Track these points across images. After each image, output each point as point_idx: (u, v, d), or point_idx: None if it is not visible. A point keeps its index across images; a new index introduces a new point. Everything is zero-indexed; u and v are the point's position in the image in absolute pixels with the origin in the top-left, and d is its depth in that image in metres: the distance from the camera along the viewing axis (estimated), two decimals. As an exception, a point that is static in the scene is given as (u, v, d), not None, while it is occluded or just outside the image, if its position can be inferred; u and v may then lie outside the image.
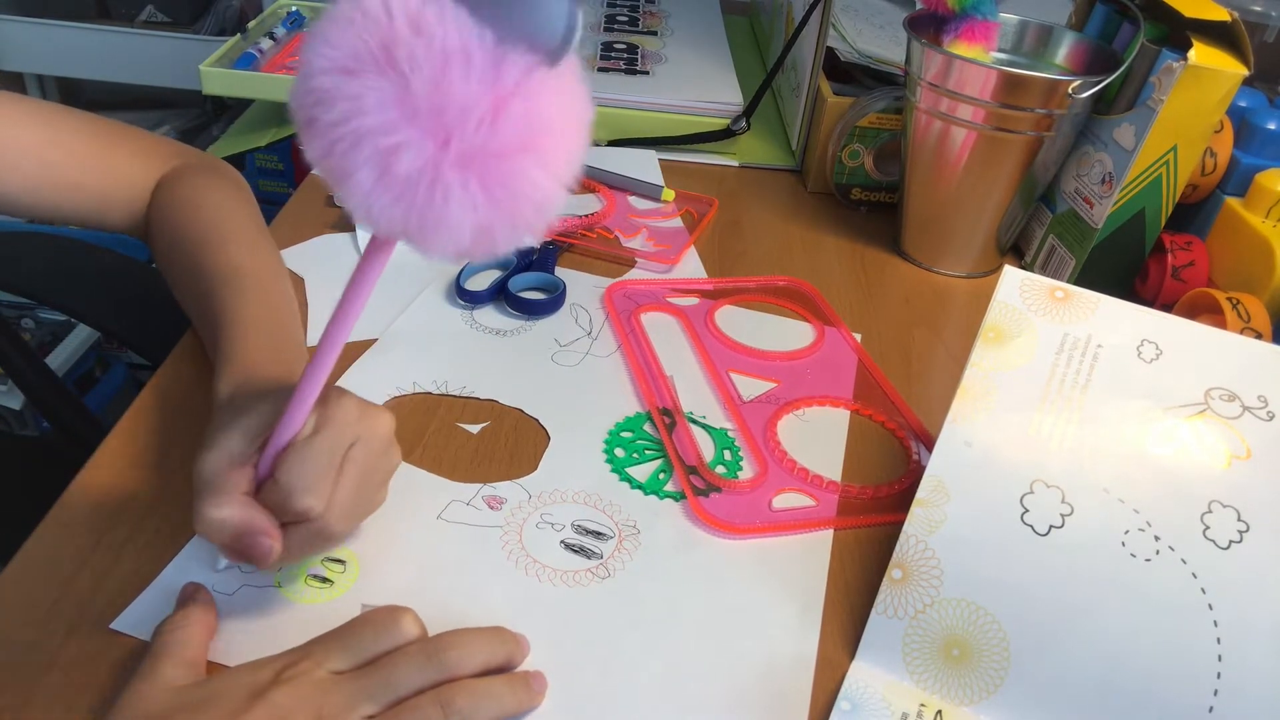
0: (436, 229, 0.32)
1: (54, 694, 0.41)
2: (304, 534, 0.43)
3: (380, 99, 0.30)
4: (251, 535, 0.41)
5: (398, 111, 0.30)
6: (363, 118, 0.30)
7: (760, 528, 0.53)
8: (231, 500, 0.41)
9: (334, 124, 0.31)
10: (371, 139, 0.31)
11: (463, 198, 0.32)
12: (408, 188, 0.31)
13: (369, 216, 0.32)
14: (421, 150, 0.31)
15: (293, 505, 0.41)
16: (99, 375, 1.44)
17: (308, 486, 0.41)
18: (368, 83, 0.30)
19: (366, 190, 0.31)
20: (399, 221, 0.32)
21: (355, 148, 0.31)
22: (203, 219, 0.60)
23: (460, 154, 0.31)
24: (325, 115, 0.31)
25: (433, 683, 0.41)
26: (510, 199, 0.32)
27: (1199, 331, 0.49)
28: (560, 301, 0.70)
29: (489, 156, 0.31)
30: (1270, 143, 0.72)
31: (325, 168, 0.32)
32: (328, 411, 0.43)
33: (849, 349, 0.69)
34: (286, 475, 0.42)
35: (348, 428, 0.43)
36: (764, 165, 0.96)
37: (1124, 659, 0.43)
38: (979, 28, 0.75)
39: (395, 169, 0.31)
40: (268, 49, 1.02)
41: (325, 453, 0.42)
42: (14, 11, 1.52)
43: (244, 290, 0.54)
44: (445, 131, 0.31)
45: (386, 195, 0.32)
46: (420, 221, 0.32)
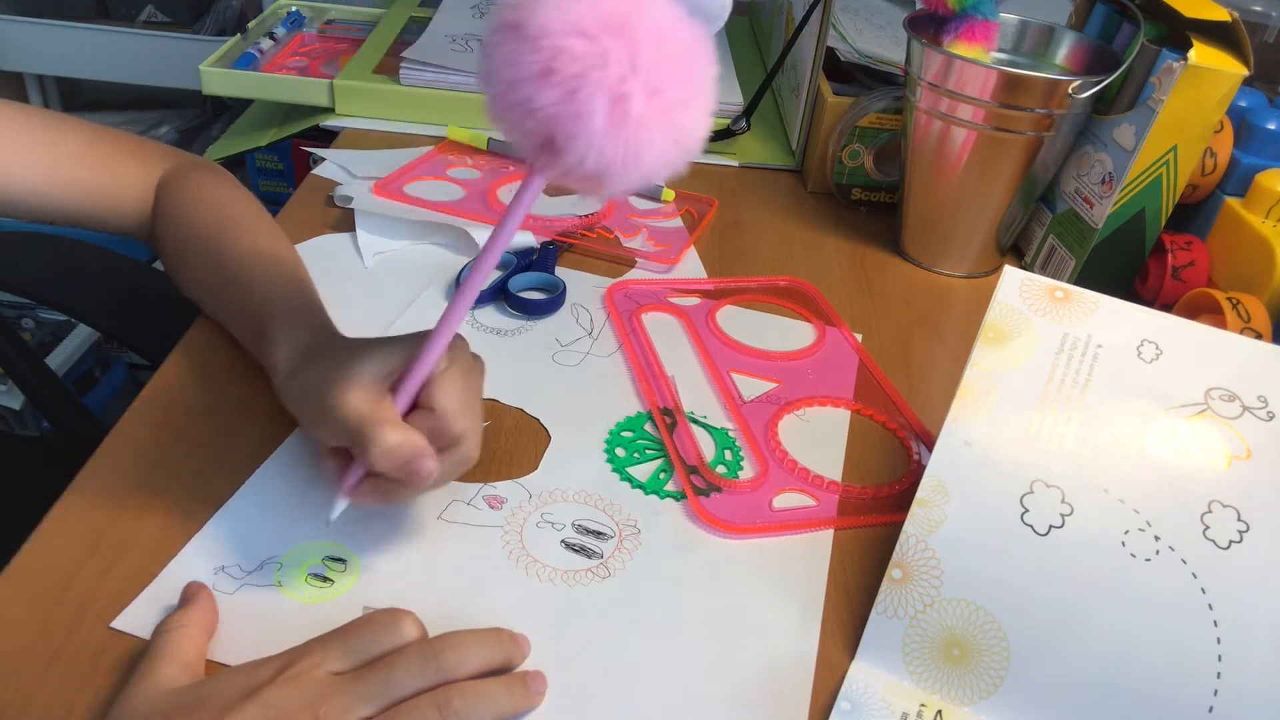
0: (636, 163, 0.38)
1: (54, 694, 0.41)
2: (449, 460, 0.46)
3: (618, 57, 0.37)
4: (421, 457, 0.44)
5: (629, 68, 0.37)
6: (605, 69, 0.37)
7: (761, 528, 0.53)
8: (401, 426, 0.44)
9: (578, 74, 0.36)
10: (610, 87, 0.37)
11: (658, 138, 0.38)
12: (630, 127, 0.37)
13: (590, 151, 0.38)
14: (641, 99, 0.37)
15: (450, 427, 0.46)
16: (99, 375, 1.44)
17: (462, 409, 0.46)
18: (607, 44, 0.37)
19: (598, 128, 0.37)
20: (612, 156, 0.38)
21: (595, 93, 0.37)
22: (217, 211, 0.62)
23: (663, 103, 0.38)
24: (569, 67, 0.37)
25: (431, 684, 0.41)
26: (685, 139, 0.39)
27: (1199, 331, 0.49)
28: (560, 301, 0.70)
29: (678, 106, 0.39)
30: (1270, 143, 0.72)
31: (557, 111, 0.37)
32: (458, 350, 0.48)
33: (850, 349, 0.70)
34: (444, 402, 0.46)
35: (471, 366, 0.49)
36: (764, 165, 0.96)
37: (1124, 659, 0.43)
38: (979, 28, 0.75)
39: (625, 111, 0.37)
40: (268, 49, 1.02)
41: (465, 383, 0.47)
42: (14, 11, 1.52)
43: (280, 269, 0.58)
44: (656, 85, 0.37)
45: (612, 133, 0.37)
46: (627, 156, 0.38)
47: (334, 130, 0.93)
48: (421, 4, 1.18)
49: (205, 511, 0.50)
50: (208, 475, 0.52)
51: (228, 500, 0.51)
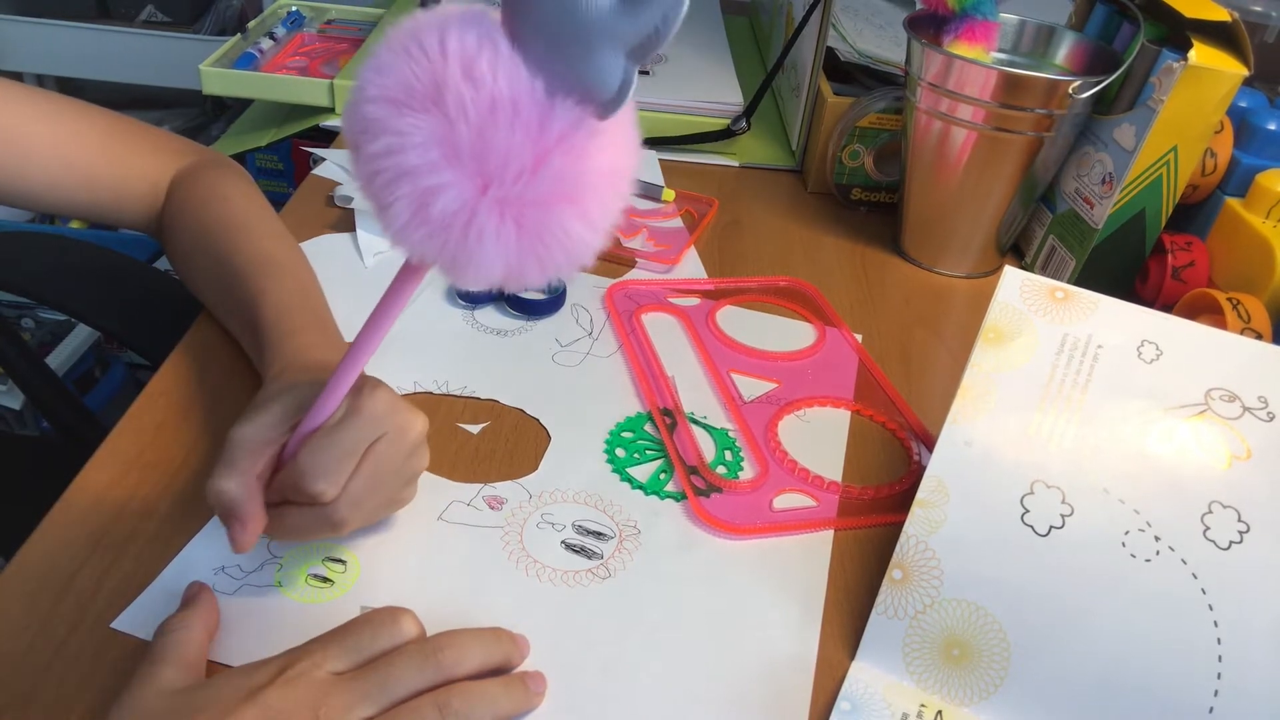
0: (468, 265, 0.33)
1: (54, 694, 0.41)
2: (311, 516, 0.44)
3: (425, 138, 0.31)
4: (236, 518, 0.42)
5: (439, 152, 0.31)
6: (405, 154, 0.31)
7: (761, 528, 0.53)
8: (238, 476, 0.43)
9: (377, 155, 0.31)
10: (412, 177, 0.31)
11: (497, 240, 0.32)
12: (443, 226, 0.32)
13: (403, 246, 0.33)
14: (460, 192, 0.31)
15: (305, 487, 0.43)
16: (99, 375, 1.44)
17: (323, 472, 0.43)
18: (414, 120, 0.31)
19: (402, 223, 0.32)
20: (432, 254, 0.33)
21: (395, 182, 0.31)
22: (229, 211, 0.61)
23: (498, 200, 0.32)
24: (370, 145, 0.32)
25: (430, 683, 0.41)
26: (544, 246, 0.33)
27: (1199, 332, 0.49)
28: (560, 301, 0.70)
29: (526, 205, 0.32)
30: (1270, 143, 0.72)
31: (365, 193, 0.33)
32: (358, 403, 0.44)
33: (850, 349, 0.69)
34: (306, 458, 0.43)
35: (376, 421, 0.44)
36: (764, 165, 0.96)
37: (1124, 659, 0.43)
38: (979, 28, 0.75)
39: (432, 208, 0.32)
40: (268, 49, 1.02)
41: (347, 442, 0.43)
42: (14, 11, 1.52)
43: (281, 276, 0.57)
44: (485, 177, 0.31)
45: (422, 230, 0.32)
46: (453, 257, 0.33)
47: (334, 130, 0.93)
48: (421, 4, 1.18)
49: (205, 511, 0.50)
50: (208, 475, 0.52)
51: (228, 500, 0.51)
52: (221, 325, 0.62)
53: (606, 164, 0.33)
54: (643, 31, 0.29)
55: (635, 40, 0.30)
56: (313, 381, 0.46)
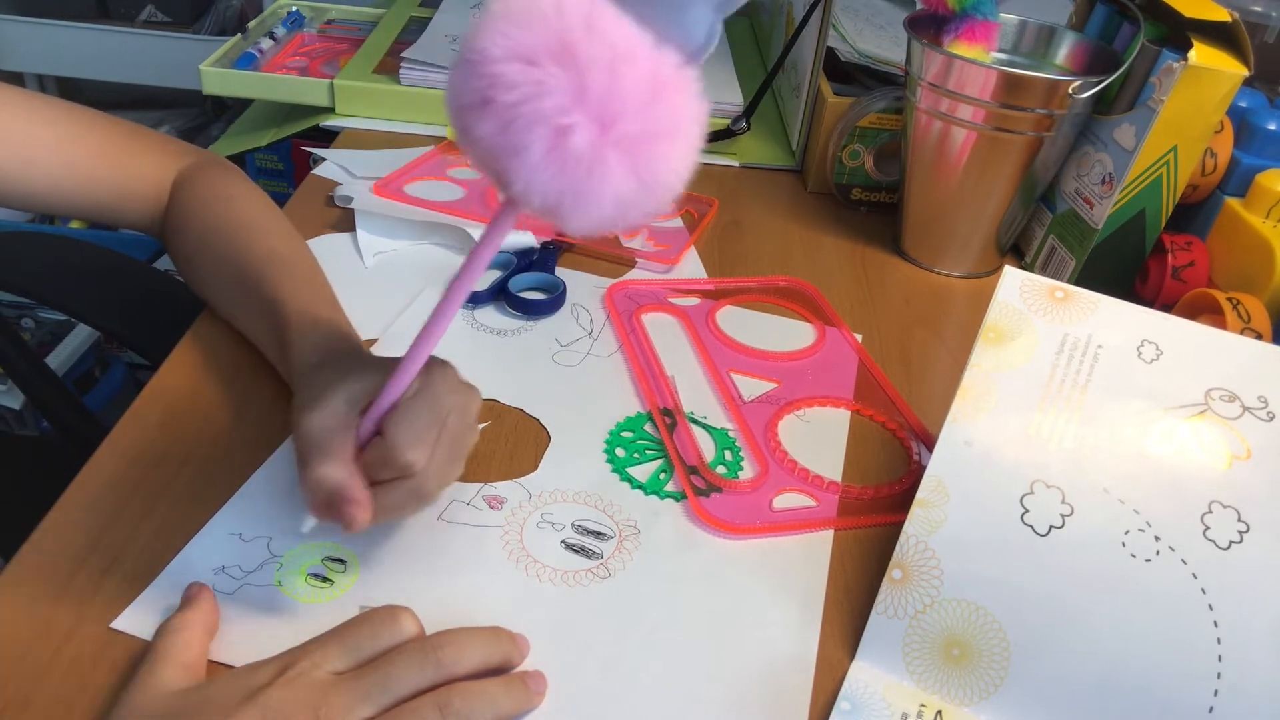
0: (587, 202, 0.36)
1: (54, 694, 0.41)
2: (403, 491, 0.44)
3: (560, 85, 0.34)
4: (346, 501, 0.43)
5: (572, 98, 0.34)
6: (542, 100, 0.34)
7: (761, 528, 0.53)
8: (338, 461, 0.43)
9: (514, 104, 0.34)
10: (548, 118, 0.34)
11: (616, 175, 0.35)
12: (573, 163, 0.35)
13: (531, 187, 0.35)
14: (588, 132, 0.34)
15: (397, 458, 0.43)
16: (99, 375, 1.44)
17: (413, 441, 0.43)
18: (549, 71, 0.34)
19: (535, 163, 0.34)
20: (556, 193, 0.35)
21: (532, 125, 0.34)
22: (237, 210, 0.62)
23: (620, 137, 0.35)
24: (505, 96, 0.34)
25: (430, 682, 0.41)
26: (652, 179, 0.36)
27: (1199, 332, 0.49)
28: (560, 301, 0.70)
29: (642, 141, 0.35)
30: (1270, 143, 0.72)
31: (495, 144, 0.35)
32: (432, 377, 0.46)
33: (850, 349, 0.69)
34: (395, 430, 0.43)
35: (448, 395, 0.46)
36: (764, 165, 0.96)
37: (1124, 659, 0.43)
38: (979, 28, 0.75)
39: (568, 146, 0.34)
40: (268, 49, 1.02)
41: (429, 413, 0.44)
42: (14, 11, 1.52)
43: (296, 273, 0.58)
44: (609, 117, 0.34)
45: (552, 169, 0.35)
46: (575, 195, 0.35)
47: (334, 130, 0.93)
48: (421, 4, 1.18)
49: (205, 511, 0.50)
50: (208, 475, 0.52)
51: (228, 500, 0.51)
52: (225, 324, 0.62)
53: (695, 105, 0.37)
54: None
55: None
56: (363, 366, 0.47)
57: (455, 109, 0.36)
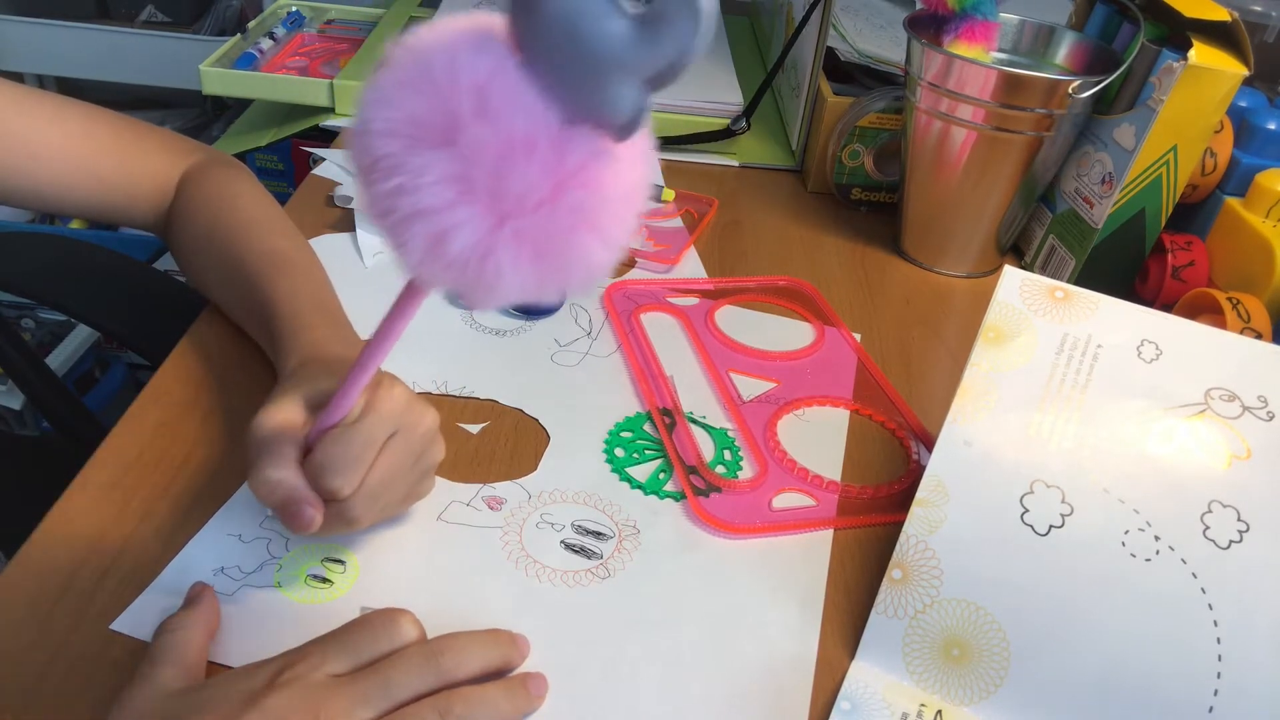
0: (486, 295, 0.33)
1: (54, 694, 0.41)
2: (329, 513, 0.44)
3: (438, 176, 0.30)
4: (297, 504, 0.42)
5: (455, 191, 0.30)
6: (419, 194, 0.30)
7: (760, 528, 0.53)
8: (286, 464, 0.43)
9: (389, 194, 0.31)
10: (426, 217, 0.31)
11: (515, 271, 0.32)
12: (460, 263, 0.31)
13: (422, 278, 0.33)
14: (475, 229, 0.31)
15: (322, 483, 0.43)
16: (99, 375, 1.44)
17: (340, 468, 0.43)
18: (427, 158, 0.30)
19: (417, 260, 0.32)
20: (449, 285, 0.33)
21: (409, 221, 0.31)
22: (240, 210, 0.62)
23: (515, 232, 0.31)
24: (382, 184, 0.31)
25: (430, 686, 0.41)
26: (562, 269, 0.33)
27: (1199, 331, 0.49)
28: (560, 302, 0.70)
29: (544, 235, 0.31)
30: (1270, 143, 0.72)
31: (377, 226, 0.32)
32: (375, 399, 0.45)
33: (849, 349, 0.69)
34: (322, 454, 0.43)
35: (391, 417, 0.45)
36: (764, 165, 0.96)
37: (1124, 659, 0.43)
38: (979, 28, 0.75)
39: (449, 247, 0.31)
40: (268, 49, 1.02)
41: (362, 439, 0.44)
42: (14, 11, 1.52)
43: (294, 273, 0.57)
44: (502, 213, 0.31)
45: (437, 266, 0.32)
46: (471, 288, 0.32)
47: (334, 130, 0.93)
48: (421, 4, 1.18)
49: (205, 512, 0.50)
50: (208, 475, 0.52)
51: (228, 500, 0.51)
52: (225, 324, 0.62)
53: (624, 186, 0.33)
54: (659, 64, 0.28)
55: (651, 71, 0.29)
56: (330, 375, 0.46)
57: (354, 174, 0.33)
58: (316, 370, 0.48)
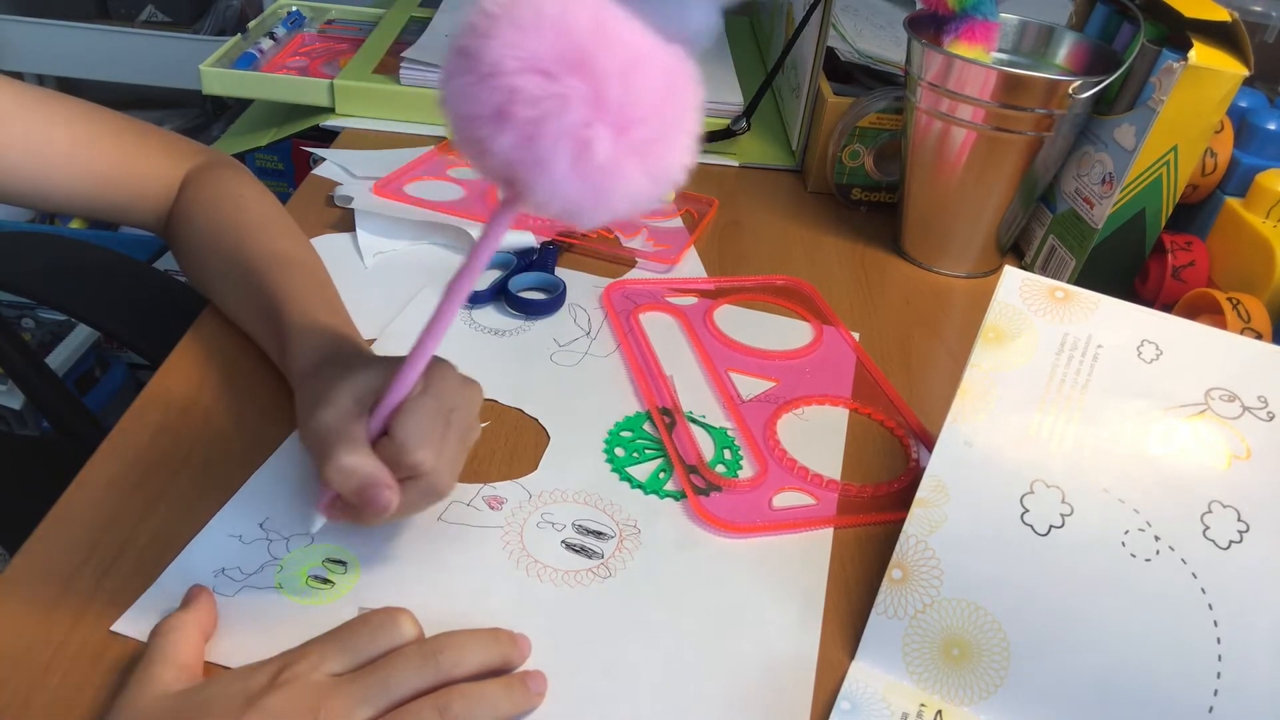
0: (605, 205, 0.36)
1: (54, 694, 0.41)
2: (415, 490, 0.45)
3: (581, 98, 0.34)
4: (377, 485, 0.43)
5: (592, 109, 0.34)
6: (565, 115, 0.34)
7: (760, 526, 0.53)
8: (361, 451, 0.43)
9: (537, 120, 0.34)
10: (572, 132, 0.34)
11: (633, 177, 0.36)
12: (596, 173, 0.35)
13: (554, 198, 0.36)
14: (608, 140, 0.35)
15: (407, 458, 0.43)
16: (99, 375, 1.44)
17: (421, 441, 0.44)
18: (569, 84, 0.34)
19: (560, 175, 0.35)
20: (577, 201, 0.36)
21: (557, 141, 0.34)
22: (244, 211, 0.62)
23: (637, 140, 0.35)
24: (526, 111, 0.34)
25: (430, 684, 0.41)
26: (663, 174, 0.37)
27: (1199, 331, 0.49)
28: (560, 302, 0.70)
29: (655, 141, 0.36)
30: (1270, 143, 0.72)
31: (515, 157, 0.35)
32: (435, 376, 0.46)
33: (847, 348, 0.70)
34: (403, 430, 0.44)
35: (451, 393, 0.46)
36: (764, 165, 0.96)
37: (1124, 659, 0.43)
38: (979, 28, 0.75)
39: (591, 157, 0.35)
40: (268, 49, 1.02)
41: (435, 411, 0.45)
42: (14, 11, 1.52)
43: (301, 274, 0.58)
44: (628, 122, 0.35)
45: (576, 180, 0.35)
46: (595, 200, 0.36)
47: (334, 130, 0.93)
48: (422, 4, 1.18)
49: (205, 513, 0.50)
50: (208, 476, 0.52)
51: (227, 502, 0.51)
52: (225, 324, 0.62)
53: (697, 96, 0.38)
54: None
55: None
56: (369, 361, 0.47)
57: (462, 118, 0.36)
58: (349, 363, 0.48)
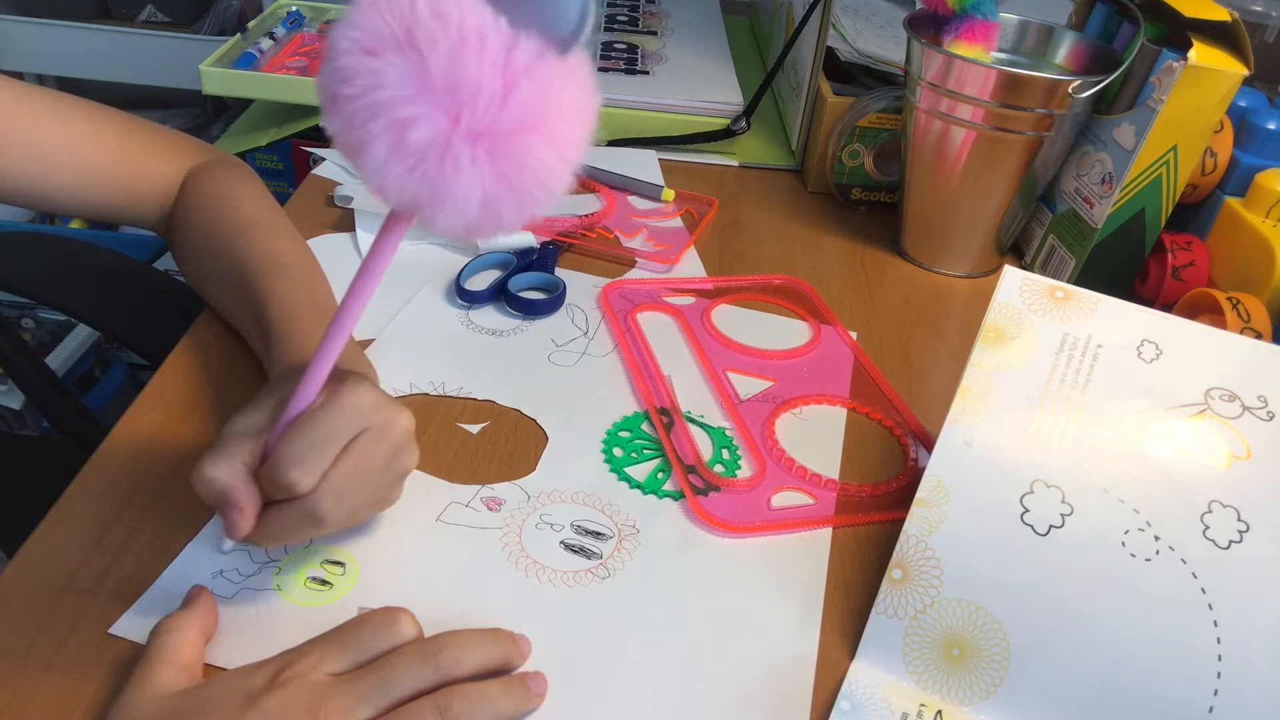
0: (445, 200, 0.34)
1: (54, 694, 0.41)
2: (292, 512, 0.42)
3: (398, 75, 0.32)
4: (230, 504, 0.41)
5: (414, 87, 0.32)
6: (379, 91, 0.32)
7: (759, 526, 0.53)
8: (227, 463, 0.42)
9: (353, 98, 0.33)
10: (387, 111, 0.33)
11: (471, 170, 0.34)
12: (420, 158, 0.33)
13: (382, 185, 0.34)
14: (434, 123, 0.33)
15: (280, 476, 0.41)
16: (99, 375, 1.44)
17: (298, 459, 0.41)
18: (387, 60, 0.32)
19: (381, 159, 0.33)
20: (410, 191, 0.34)
21: (372, 119, 0.33)
22: (239, 211, 0.62)
23: (470, 129, 0.33)
24: (345, 90, 0.33)
25: (430, 684, 0.41)
26: (516, 174, 0.34)
27: (1199, 331, 0.49)
28: (560, 301, 0.70)
29: (498, 133, 0.33)
30: (1270, 143, 0.72)
31: (343, 141, 0.34)
32: (338, 394, 0.43)
33: (845, 347, 0.69)
34: (281, 445, 0.42)
35: (357, 414, 0.43)
36: (764, 165, 0.96)
37: (1124, 659, 0.43)
38: (979, 28, 0.75)
39: (409, 139, 0.33)
40: (268, 49, 1.02)
41: (323, 430, 0.42)
42: (14, 11, 1.52)
43: (289, 277, 0.57)
44: (457, 107, 0.33)
45: (400, 165, 0.33)
46: (430, 192, 0.34)
47: (334, 130, 0.93)
48: None
49: (204, 514, 0.50)
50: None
51: (227, 500, 0.51)
52: (225, 324, 0.62)
53: (570, 98, 0.35)
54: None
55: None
56: None
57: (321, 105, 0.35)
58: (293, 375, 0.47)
